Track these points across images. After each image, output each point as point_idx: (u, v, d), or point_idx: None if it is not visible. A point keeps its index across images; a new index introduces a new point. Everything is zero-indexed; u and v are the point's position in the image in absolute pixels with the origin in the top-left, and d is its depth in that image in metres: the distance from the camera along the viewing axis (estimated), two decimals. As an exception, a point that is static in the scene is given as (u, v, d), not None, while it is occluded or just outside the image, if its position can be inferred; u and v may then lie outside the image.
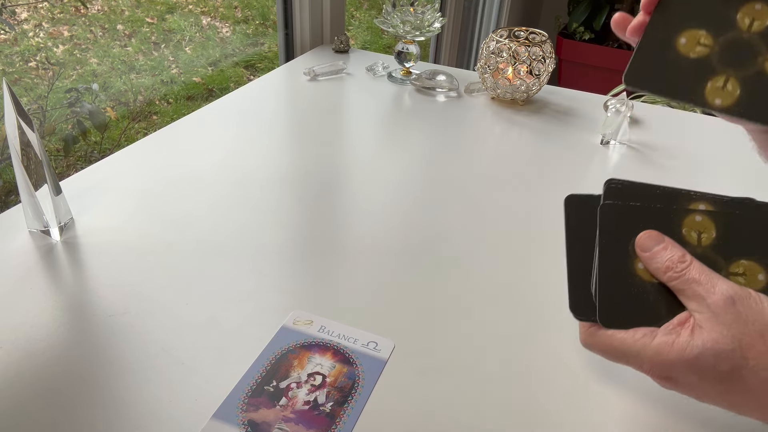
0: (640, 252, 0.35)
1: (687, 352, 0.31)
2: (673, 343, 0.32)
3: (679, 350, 0.32)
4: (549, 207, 0.68)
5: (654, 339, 0.33)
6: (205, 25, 1.62)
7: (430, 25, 0.96)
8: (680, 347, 0.32)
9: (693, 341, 0.32)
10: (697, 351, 0.31)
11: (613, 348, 0.35)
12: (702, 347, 0.31)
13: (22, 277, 0.53)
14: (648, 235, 0.35)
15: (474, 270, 0.58)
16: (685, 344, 0.32)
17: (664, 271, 0.34)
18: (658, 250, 0.34)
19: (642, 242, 0.35)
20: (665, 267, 0.34)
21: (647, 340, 0.33)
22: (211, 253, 0.57)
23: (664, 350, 0.32)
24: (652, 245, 0.35)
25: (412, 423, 0.42)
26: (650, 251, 0.35)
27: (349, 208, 0.67)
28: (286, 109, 0.89)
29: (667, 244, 0.34)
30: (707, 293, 0.32)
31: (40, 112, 1.10)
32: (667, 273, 0.34)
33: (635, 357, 0.34)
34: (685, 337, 0.32)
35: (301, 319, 0.50)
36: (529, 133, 0.86)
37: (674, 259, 0.34)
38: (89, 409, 0.42)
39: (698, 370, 0.31)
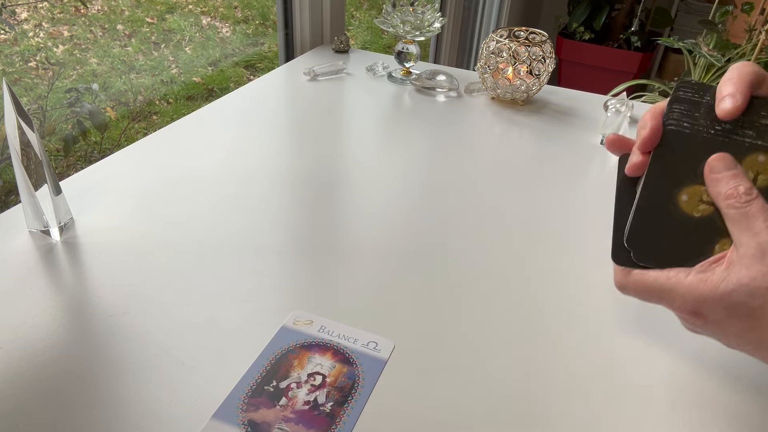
0: (708, 173, 0.34)
1: (721, 288, 0.32)
2: (707, 280, 0.32)
3: (713, 286, 0.32)
4: (549, 207, 0.68)
5: (687, 276, 0.33)
6: (205, 25, 1.61)
7: (430, 25, 0.96)
8: (713, 283, 0.32)
9: (728, 277, 0.32)
10: (731, 287, 0.31)
11: (646, 286, 0.35)
12: (737, 283, 0.31)
13: (22, 277, 0.53)
14: (722, 157, 0.34)
15: (474, 270, 0.58)
16: (719, 280, 0.32)
17: (726, 197, 0.33)
18: (727, 174, 0.34)
19: (713, 163, 0.34)
20: (728, 193, 0.33)
21: (681, 277, 0.33)
22: (212, 253, 0.57)
23: (698, 286, 0.32)
24: (723, 168, 0.34)
25: (412, 423, 0.42)
26: (719, 173, 0.34)
27: (349, 208, 0.67)
28: (286, 109, 0.89)
29: (738, 172, 0.34)
30: (761, 230, 0.31)
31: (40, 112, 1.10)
32: (729, 200, 0.33)
33: (668, 294, 0.34)
34: (719, 273, 0.32)
35: (301, 319, 0.50)
36: (529, 133, 0.86)
37: (740, 190, 0.33)
38: (89, 409, 0.42)
39: (729, 305, 0.32)
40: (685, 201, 0.34)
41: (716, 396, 0.45)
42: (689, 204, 0.34)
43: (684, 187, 0.34)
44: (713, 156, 0.34)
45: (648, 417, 0.44)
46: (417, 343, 0.49)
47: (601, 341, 0.50)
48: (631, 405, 0.44)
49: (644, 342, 0.50)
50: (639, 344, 0.50)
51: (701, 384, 0.46)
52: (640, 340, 0.50)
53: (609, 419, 0.43)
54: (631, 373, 0.47)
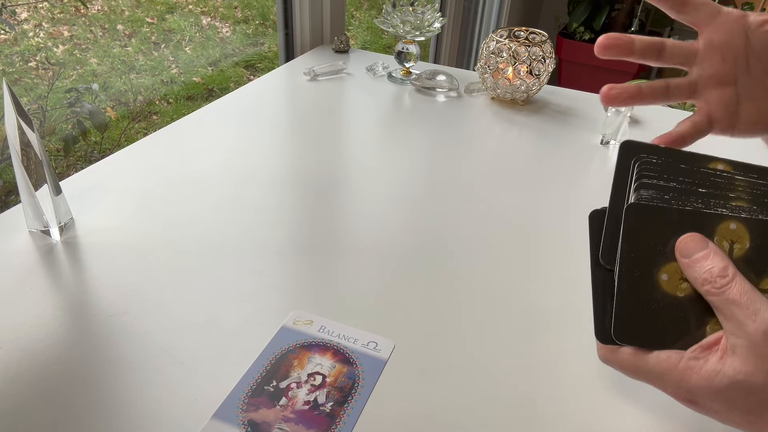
0: (680, 257, 0.32)
1: (716, 382, 0.29)
2: (700, 369, 0.30)
3: (707, 378, 0.29)
4: (549, 207, 0.68)
5: (680, 362, 0.31)
6: (205, 25, 1.62)
7: (430, 25, 0.96)
8: (708, 375, 0.30)
9: (723, 369, 0.29)
10: (727, 381, 0.29)
11: (634, 367, 0.32)
12: (733, 378, 0.29)
13: (23, 277, 0.53)
14: (691, 238, 0.32)
15: (474, 270, 0.58)
16: (713, 372, 0.29)
17: (702, 283, 0.31)
18: (699, 257, 0.31)
19: (683, 245, 0.32)
20: (703, 279, 0.31)
21: (673, 362, 0.31)
22: (212, 253, 0.57)
23: (690, 376, 0.30)
24: (694, 250, 0.31)
25: (412, 423, 0.42)
26: (690, 257, 0.31)
27: (349, 208, 0.67)
28: (286, 109, 0.89)
29: (709, 252, 0.31)
30: (747, 319, 0.29)
31: (40, 112, 1.11)
32: (705, 286, 0.31)
33: (659, 378, 0.31)
34: (713, 363, 0.30)
35: (301, 319, 0.50)
36: (529, 133, 0.86)
37: (714, 272, 0.30)
38: (89, 408, 0.42)
39: (726, 400, 0.29)
40: (665, 281, 0.32)
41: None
42: (670, 284, 0.32)
43: (662, 266, 0.32)
44: (681, 238, 0.32)
45: (648, 417, 0.44)
46: (417, 343, 0.49)
47: (601, 341, 0.50)
48: (632, 405, 0.44)
49: (644, 342, 0.50)
50: (639, 344, 0.50)
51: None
52: (639, 340, 0.50)
53: (609, 419, 0.43)
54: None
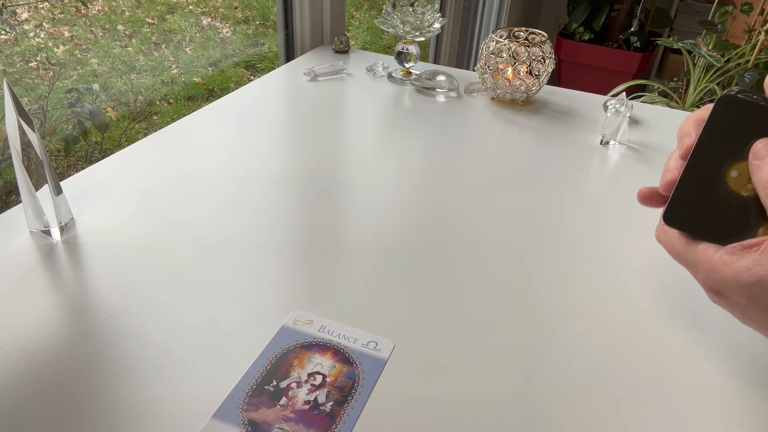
0: (751, 158, 0.32)
1: (744, 277, 0.31)
2: (732, 263, 0.31)
3: (736, 272, 0.31)
4: (549, 207, 0.68)
5: (715, 254, 0.32)
6: (205, 26, 1.62)
7: (430, 26, 0.96)
8: (738, 270, 0.31)
9: (755, 268, 0.30)
10: (754, 279, 0.30)
11: (676, 248, 0.34)
12: (763, 276, 0.30)
13: (23, 277, 0.53)
14: (766, 142, 0.32)
15: (474, 269, 0.58)
16: (744, 269, 0.31)
17: (765, 185, 0.31)
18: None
19: (759, 147, 0.32)
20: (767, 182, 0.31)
21: (709, 252, 0.33)
22: (212, 253, 0.57)
23: (722, 268, 0.32)
24: (765, 154, 0.32)
25: (412, 423, 0.42)
26: (761, 159, 0.32)
27: (349, 208, 0.67)
28: (287, 110, 0.89)
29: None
30: None
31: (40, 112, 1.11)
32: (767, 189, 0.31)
33: (693, 264, 0.33)
34: (747, 261, 0.31)
35: (301, 319, 0.50)
36: (529, 133, 0.86)
37: None
38: (90, 408, 0.42)
39: (750, 295, 0.31)
40: (734, 178, 0.32)
41: (718, 396, 0.45)
42: (738, 181, 0.32)
43: (736, 163, 0.32)
44: (758, 141, 0.32)
45: (648, 418, 0.44)
46: (417, 343, 0.49)
47: (602, 341, 0.50)
48: (632, 406, 0.45)
49: (645, 342, 0.50)
50: (640, 344, 0.50)
51: (702, 384, 0.46)
52: (641, 340, 0.50)
53: (610, 420, 0.43)
54: (633, 373, 0.47)
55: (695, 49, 1.81)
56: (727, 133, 0.33)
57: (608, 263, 0.59)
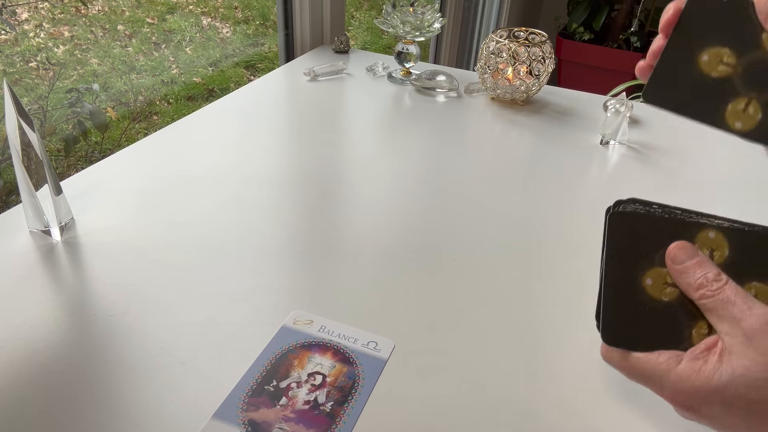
0: (671, 264, 0.32)
1: (714, 380, 0.29)
2: (699, 369, 0.30)
3: (706, 378, 0.29)
4: (548, 207, 0.68)
5: (679, 364, 0.31)
6: (205, 26, 1.62)
7: (430, 26, 0.96)
8: (707, 374, 0.29)
9: (722, 368, 0.29)
10: (726, 379, 0.29)
11: (633, 368, 0.32)
12: (732, 374, 0.29)
13: (23, 277, 0.53)
14: (681, 246, 0.32)
15: (473, 270, 0.58)
16: (712, 371, 0.29)
17: (696, 288, 0.31)
18: (691, 264, 0.32)
19: (674, 253, 0.32)
20: (698, 284, 0.31)
21: (671, 364, 0.31)
22: (212, 253, 0.57)
23: (690, 377, 0.30)
24: (685, 258, 0.32)
25: (412, 423, 0.42)
26: (682, 264, 0.32)
27: (349, 208, 0.67)
28: (287, 110, 0.89)
29: (702, 260, 0.32)
30: (742, 315, 0.29)
31: (40, 112, 1.11)
32: (700, 290, 0.31)
33: (656, 381, 0.31)
34: (712, 363, 0.30)
35: (301, 319, 0.50)
36: (529, 133, 0.86)
37: (710, 277, 0.31)
38: (90, 408, 0.42)
39: (725, 400, 0.29)
40: (650, 285, 0.33)
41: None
42: (655, 288, 0.33)
43: (646, 270, 0.33)
44: (672, 246, 0.32)
45: (648, 418, 0.44)
46: (417, 343, 0.49)
47: (601, 341, 0.50)
48: (632, 406, 0.45)
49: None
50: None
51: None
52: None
53: (610, 419, 0.43)
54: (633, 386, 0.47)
55: (695, 49, 1.80)
56: (628, 246, 0.34)
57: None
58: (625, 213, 0.34)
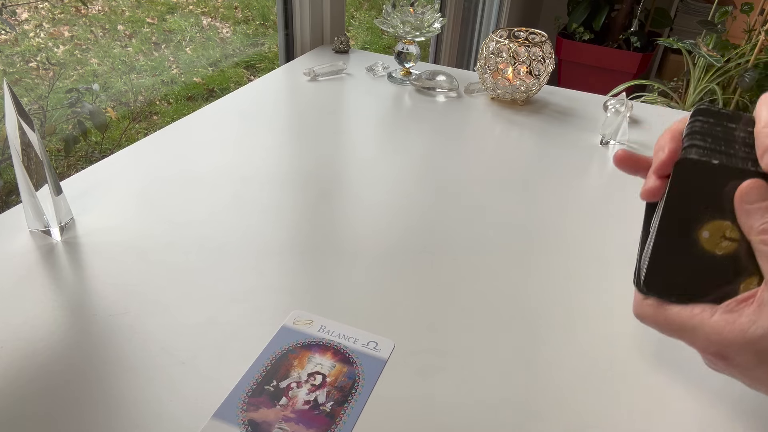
0: (740, 202, 0.31)
1: (750, 332, 0.29)
2: (734, 321, 0.30)
3: (741, 329, 0.29)
4: (549, 207, 0.68)
5: (713, 316, 0.30)
6: (205, 26, 1.62)
7: (430, 26, 0.96)
8: (742, 326, 0.29)
9: (759, 321, 0.29)
10: (761, 332, 0.28)
11: (666, 321, 0.32)
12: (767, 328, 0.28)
13: (23, 277, 0.53)
14: (756, 185, 0.31)
15: (474, 270, 0.58)
16: (748, 323, 0.29)
17: (759, 231, 0.30)
18: (762, 206, 0.30)
19: (747, 191, 0.31)
20: (762, 228, 0.30)
21: (705, 315, 0.31)
22: (212, 253, 0.57)
23: (724, 329, 0.30)
24: (756, 198, 0.30)
25: (412, 423, 0.42)
26: (752, 204, 0.30)
27: (349, 208, 0.67)
28: (287, 110, 0.89)
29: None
30: None
31: (40, 112, 1.11)
32: (762, 235, 0.30)
33: (690, 333, 0.31)
34: (748, 315, 0.29)
35: (301, 319, 0.50)
36: (529, 133, 0.86)
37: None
38: (90, 408, 0.42)
39: (759, 351, 0.29)
40: (706, 238, 0.31)
41: (717, 399, 0.46)
42: (711, 241, 0.31)
43: (705, 223, 0.31)
44: (746, 182, 0.31)
45: (647, 420, 0.44)
46: (417, 343, 0.49)
47: (602, 342, 0.50)
48: (632, 406, 0.45)
49: (645, 341, 0.50)
50: (640, 344, 0.50)
51: (701, 387, 0.46)
52: (641, 340, 0.50)
53: (610, 419, 0.43)
54: (633, 374, 0.47)
55: (695, 49, 1.81)
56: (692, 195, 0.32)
57: (608, 263, 0.59)
58: (698, 161, 0.32)
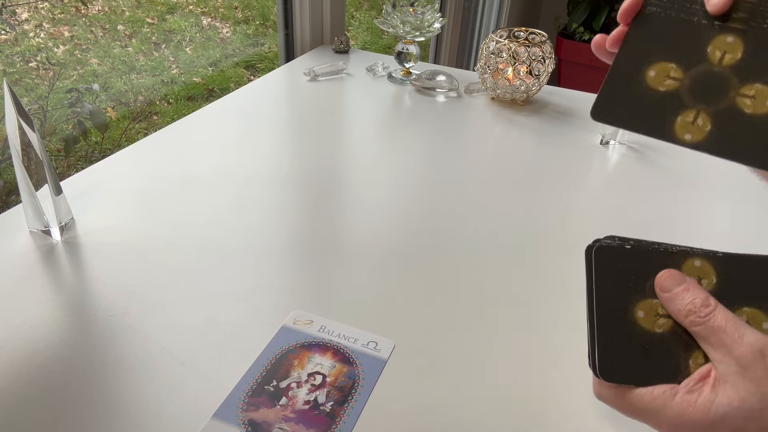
0: (660, 292, 0.32)
1: (712, 413, 0.29)
2: (696, 402, 0.29)
3: (703, 410, 0.29)
4: (549, 206, 0.68)
5: (674, 398, 0.30)
6: (205, 26, 1.62)
7: (429, 26, 0.96)
8: (703, 407, 0.29)
9: (717, 399, 0.29)
10: (723, 411, 0.28)
11: (628, 405, 0.32)
12: (728, 406, 0.28)
13: (23, 277, 0.53)
14: (669, 274, 0.32)
15: (474, 269, 0.58)
16: (708, 403, 0.29)
17: (686, 314, 0.31)
18: (679, 291, 0.32)
19: (662, 281, 0.32)
20: (687, 310, 0.31)
21: (667, 398, 0.30)
22: (212, 253, 0.57)
23: (687, 411, 0.30)
24: (673, 285, 0.32)
25: (412, 423, 0.42)
26: (671, 292, 0.32)
27: (349, 208, 0.67)
28: (287, 110, 0.89)
29: (689, 285, 0.32)
30: (733, 344, 0.29)
31: (40, 112, 1.11)
32: (689, 317, 0.31)
33: (653, 416, 0.31)
34: (706, 394, 0.29)
35: (301, 319, 0.50)
36: (529, 133, 0.86)
37: (697, 303, 0.31)
38: (90, 408, 0.42)
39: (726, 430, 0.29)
40: (642, 318, 0.33)
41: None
42: (647, 320, 0.33)
43: (637, 303, 0.33)
44: (659, 275, 0.33)
45: (647, 416, 0.44)
46: (417, 343, 0.49)
47: (601, 341, 0.50)
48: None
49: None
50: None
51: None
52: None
53: (609, 418, 0.43)
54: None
55: (695, 49, 1.81)
56: (616, 280, 0.33)
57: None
58: (610, 247, 0.34)
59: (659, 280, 0.32)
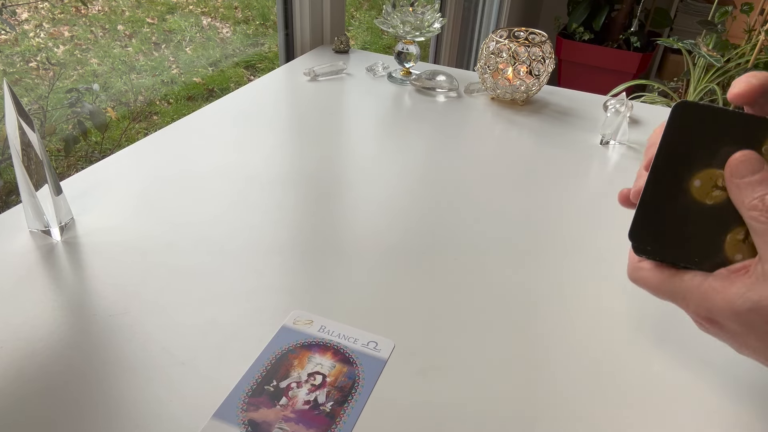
0: (729, 177, 0.30)
1: (738, 304, 0.29)
2: (725, 290, 0.29)
3: (730, 299, 0.29)
4: (549, 207, 0.68)
5: (704, 282, 0.30)
6: (205, 26, 1.62)
7: (430, 26, 0.96)
8: (731, 296, 0.29)
9: (748, 293, 0.28)
10: (749, 305, 0.28)
11: (659, 285, 0.32)
12: (757, 303, 0.28)
13: (23, 277, 0.53)
14: (745, 157, 0.29)
15: (474, 270, 0.58)
16: (737, 295, 0.29)
17: (749, 207, 0.29)
18: (751, 181, 0.29)
19: (735, 165, 0.30)
20: (752, 204, 0.29)
21: (697, 281, 0.30)
22: (212, 253, 0.57)
23: (713, 296, 0.30)
24: (745, 172, 0.29)
25: (412, 423, 0.42)
26: (741, 178, 0.29)
27: (349, 208, 0.67)
28: (287, 110, 0.89)
29: (764, 176, 0.29)
30: None
31: (40, 112, 1.11)
32: (752, 212, 0.29)
33: (681, 297, 0.31)
34: (739, 287, 0.29)
35: (301, 319, 0.50)
36: (529, 133, 0.86)
37: (767, 201, 0.29)
38: (90, 408, 0.42)
39: (747, 322, 0.29)
40: (697, 187, 0.31)
41: (716, 402, 0.46)
42: (701, 190, 0.30)
43: (698, 171, 0.31)
44: (735, 155, 0.30)
45: (646, 421, 0.44)
46: (417, 343, 0.49)
47: (602, 341, 0.50)
48: (632, 406, 0.45)
49: (645, 341, 0.50)
50: (640, 344, 0.50)
51: (700, 387, 0.47)
52: (640, 340, 0.50)
53: (610, 420, 0.43)
54: (632, 373, 0.47)
55: (695, 49, 1.81)
56: (687, 140, 0.31)
57: (608, 263, 0.59)
58: (693, 105, 0.31)
59: (733, 162, 0.30)
